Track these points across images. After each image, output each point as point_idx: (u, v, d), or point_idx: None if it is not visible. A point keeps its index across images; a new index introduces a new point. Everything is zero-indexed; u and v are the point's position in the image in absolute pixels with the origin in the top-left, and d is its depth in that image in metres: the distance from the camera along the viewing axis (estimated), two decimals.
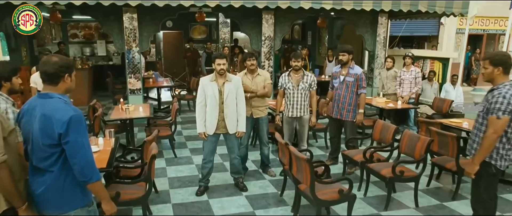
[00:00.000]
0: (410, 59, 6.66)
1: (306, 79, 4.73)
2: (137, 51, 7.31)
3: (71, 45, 12.90)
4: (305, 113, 4.81)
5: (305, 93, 4.75)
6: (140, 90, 7.53)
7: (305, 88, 4.73)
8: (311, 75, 4.80)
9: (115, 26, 7.20)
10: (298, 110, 4.78)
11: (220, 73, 4.08)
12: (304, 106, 4.78)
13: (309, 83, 4.74)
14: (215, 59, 4.08)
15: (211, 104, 4.13)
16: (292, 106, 4.79)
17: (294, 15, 8.01)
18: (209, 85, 4.13)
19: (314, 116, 4.92)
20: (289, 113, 4.83)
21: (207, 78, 4.20)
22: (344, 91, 4.88)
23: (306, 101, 4.79)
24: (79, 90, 9.30)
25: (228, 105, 4.14)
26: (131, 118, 5.52)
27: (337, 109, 4.98)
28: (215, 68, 4.11)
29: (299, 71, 4.74)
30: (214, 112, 4.14)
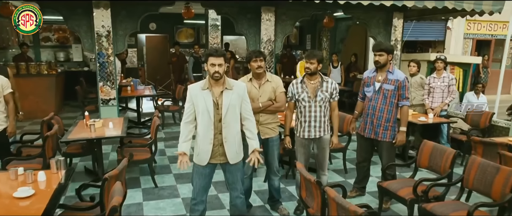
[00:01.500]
0: (442, 64, 5.54)
1: (325, 87, 3.53)
2: (110, 54, 6.00)
3: (43, 49, 11.52)
4: (325, 132, 3.61)
5: (325, 105, 3.56)
6: (114, 100, 6.20)
7: (325, 99, 3.54)
8: (331, 81, 3.60)
9: (83, 22, 5.89)
10: (316, 128, 3.58)
11: (216, 78, 2.84)
12: (324, 123, 3.58)
13: (329, 92, 3.54)
14: (208, 58, 2.84)
15: (204, 122, 2.90)
16: (308, 124, 3.58)
17: (298, 12, 6.86)
18: (201, 95, 2.89)
19: (335, 135, 3.71)
20: (305, 133, 3.62)
21: (197, 85, 2.96)
22: (381, 103, 3.69)
23: (326, 116, 3.59)
24: (44, 100, 7.96)
25: (228, 124, 2.91)
26: (97, 137, 4.20)
27: (371, 126, 3.78)
28: (208, 70, 2.86)
29: (315, 77, 3.55)
30: (208, 133, 2.90)
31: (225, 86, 2.90)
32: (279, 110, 3.56)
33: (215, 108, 2.88)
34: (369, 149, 3.98)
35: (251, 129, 3.01)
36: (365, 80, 3.83)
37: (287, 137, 3.77)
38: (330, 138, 3.68)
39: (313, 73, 3.52)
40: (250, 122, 3.01)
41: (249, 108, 3.01)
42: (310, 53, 3.51)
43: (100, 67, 6.05)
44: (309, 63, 3.48)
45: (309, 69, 3.49)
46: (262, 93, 3.49)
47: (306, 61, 3.51)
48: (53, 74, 8.05)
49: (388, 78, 3.65)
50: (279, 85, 3.55)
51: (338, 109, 3.67)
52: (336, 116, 3.66)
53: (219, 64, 2.81)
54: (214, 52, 2.82)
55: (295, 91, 3.62)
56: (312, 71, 3.49)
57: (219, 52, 2.82)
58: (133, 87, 7.46)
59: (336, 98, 3.60)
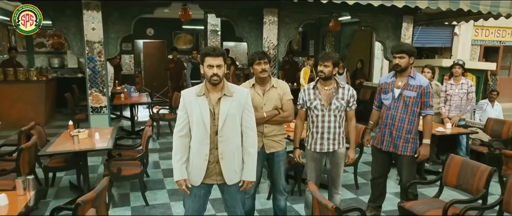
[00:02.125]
0: (460, 69, 5.11)
1: (341, 93, 3.09)
2: (101, 58, 5.57)
3: (37, 55, 11.15)
4: (340, 145, 3.16)
5: (340, 115, 3.11)
6: (105, 108, 5.76)
7: (341, 108, 3.09)
8: (348, 87, 3.15)
9: (72, 24, 5.46)
10: (330, 141, 3.13)
11: (214, 82, 2.41)
12: (338, 135, 3.13)
13: (346, 100, 3.09)
14: (205, 58, 2.40)
15: (199, 135, 2.46)
16: (321, 135, 3.13)
17: (303, 15, 6.45)
18: (195, 102, 2.46)
19: (352, 149, 3.25)
20: (317, 146, 3.17)
21: (192, 90, 2.52)
22: (401, 112, 3.24)
23: (341, 127, 3.14)
24: (33, 107, 7.52)
25: (226, 137, 2.47)
26: (81, 149, 3.75)
27: (389, 138, 3.33)
28: (204, 73, 2.43)
29: (329, 82, 3.11)
30: (203, 148, 2.46)
31: (223, 92, 2.46)
32: (287, 120, 3.11)
33: (212, 117, 2.44)
34: (386, 164, 3.52)
35: (250, 148, 2.55)
36: (382, 86, 3.39)
37: (297, 150, 3.32)
38: (345, 152, 3.23)
39: (327, 78, 3.07)
40: (250, 138, 2.55)
41: (251, 118, 2.56)
42: (324, 55, 3.07)
43: (90, 72, 5.61)
44: (322, 66, 3.04)
45: (323, 73, 3.05)
46: (267, 101, 3.05)
47: (320, 63, 3.07)
48: (42, 80, 7.61)
49: (409, 83, 3.21)
50: (286, 91, 3.10)
51: (355, 119, 3.22)
52: (354, 127, 3.21)
53: (217, 65, 2.37)
54: (211, 51, 2.38)
55: (307, 98, 3.17)
56: (326, 75, 3.05)
57: (217, 51, 2.38)
58: (126, 94, 7.02)
59: (353, 107, 3.14)
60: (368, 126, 3.58)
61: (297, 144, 3.32)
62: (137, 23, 9.86)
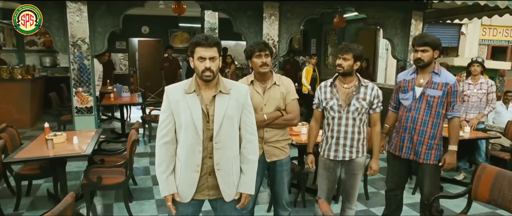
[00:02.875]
0: (479, 67, 4.66)
1: (363, 93, 2.65)
2: (87, 54, 5.12)
3: (27, 53, 10.67)
4: (359, 153, 2.72)
5: (361, 118, 2.67)
6: (91, 109, 5.30)
7: (361, 110, 2.65)
8: (372, 86, 2.70)
9: (55, 16, 5.01)
10: (346, 147, 2.69)
11: (206, 79, 1.96)
12: (357, 141, 2.69)
13: (368, 101, 2.65)
14: (195, 48, 1.94)
15: (188, 141, 2.01)
16: (336, 141, 2.70)
17: (305, 10, 6.00)
18: (184, 101, 2.01)
19: (375, 160, 2.79)
20: (331, 153, 2.73)
21: (178, 87, 2.06)
22: (424, 113, 2.79)
23: (362, 133, 2.70)
24: (18, 108, 7.05)
25: (222, 143, 2.02)
26: (55, 155, 3.29)
27: (409, 143, 2.87)
28: (195, 67, 1.98)
29: (349, 79, 2.68)
30: (193, 157, 2.02)
31: (219, 89, 2.01)
32: (291, 123, 2.66)
33: (205, 119, 1.99)
34: (404, 173, 3.07)
35: (250, 155, 2.11)
36: (401, 84, 2.94)
37: (310, 156, 2.87)
38: (365, 162, 2.78)
39: (346, 74, 2.63)
40: (250, 143, 2.11)
41: (251, 120, 2.12)
42: (344, 46, 2.63)
43: (75, 70, 5.16)
44: (341, 59, 2.61)
45: (342, 67, 2.61)
46: (268, 100, 2.60)
47: (338, 56, 2.63)
48: (28, 79, 7.14)
49: (433, 81, 2.76)
50: (291, 90, 2.65)
51: (380, 124, 2.78)
52: (377, 133, 2.76)
53: (211, 57, 1.92)
54: (203, 40, 1.92)
55: (323, 96, 2.73)
56: (345, 70, 2.61)
57: (210, 40, 1.92)
58: (116, 94, 6.56)
59: (378, 109, 2.70)
60: (383, 129, 3.13)
61: (311, 149, 2.88)
62: (132, 21, 9.45)
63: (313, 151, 2.86)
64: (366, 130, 2.74)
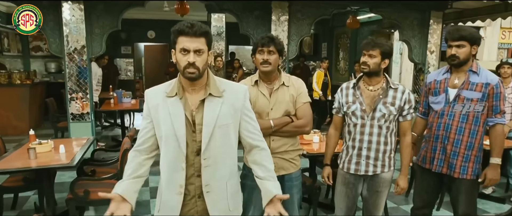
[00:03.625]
0: (510, 69, 4.21)
1: (392, 96, 2.26)
2: (84, 57, 4.81)
3: (33, 59, 10.48)
4: (385, 167, 2.32)
5: (389, 126, 2.28)
6: (88, 115, 4.97)
7: (389, 117, 2.25)
8: (403, 88, 2.30)
9: (49, 17, 4.72)
10: (370, 160, 2.29)
11: (190, 76, 1.57)
12: (384, 153, 2.30)
13: (398, 106, 2.26)
14: (178, 37, 1.55)
15: (169, 155, 1.64)
16: (358, 152, 2.31)
17: (317, 10, 5.64)
18: (164, 106, 1.63)
19: (403, 175, 2.38)
20: (351, 165, 2.34)
21: (158, 90, 1.69)
22: (459, 119, 2.37)
23: (389, 143, 2.31)
24: (16, 114, 6.77)
25: (213, 159, 1.64)
26: (37, 166, 2.94)
27: (442, 155, 2.45)
28: (177, 62, 1.60)
29: (376, 80, 2.29)
30: (176, 175, 1.64)
31: (208, 91, 1.63)
32: (302, 130, 2.26)
33: (190, 129, 1.61)
34: (435, 189, 2.63)
35: (265, 163, 1.72)
36: (431, 85, 2.52)
37: (327, 168, 2.48)
38: (391, 178, 2.37)
39: (372, 73, 2.25)
40: (261, 152, 1.73)
41: (255, 126, 1.74)
42: (370, 41, 2.25)
43: (71, 74, 4.85)
44: (366, 56, 2.23)
45: (367, 66, 2.23)
46: (275, 104, 2.21)
47: (363, 53, 2.25)
48: (27, 84, 6.87)
49: (470, 81, 2.34)
50: (302, 92, 2.25)
51: (411, 134, 2.38)
52: (408, 145, 2.36)
53: (196, 50, 1.54)
54: (187, 28, 1.53)
55: (344, 100, 2.35)
56: (371, 69, 2.22)
57: (196, 28, 1.54)
58: (116, 100, 6.23)
59: (409, 116, 2.31)
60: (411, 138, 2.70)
61: (328, 160, 2.48)
62: (137, 26, 9.19)
63: (331, 162, 2.46)
64: (394, 140, 2.33)
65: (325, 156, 2.51)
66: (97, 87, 6.27)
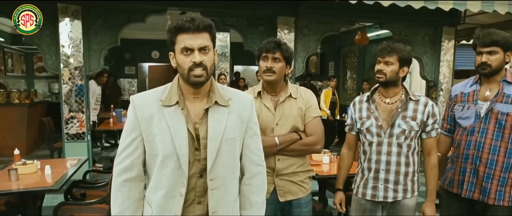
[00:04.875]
0: None
1: (412, 110, 1.98)
2: (81, 74, 4.60)
3: (37, 80, 10.39)
4: (407, 192, 2.01)
5: (410, 144, 1.99)
6: (83, 135, 4.72)
7: (410, 133, 1.97)
8: (425, 100, 2.02)
9: (46, 33, 4.55)
10: (390, 184, 2.00)
11: (196, 80, 1.32)
12: (406, 176, 2.00)
13: (420, 120, 1.97)
14: (177, 36, 1.30)
15: (166, 177, 1.35)
16: (375, 175, 2.02)
17: (324, 26, 5.44)
18: (160, 116, 1.35)
19: (430, 202, 2.06)
20: (367, 190, 2.04)
21: (150, 96, 1.40)
22: (493, 137, 2.06)
23: (411, 165, 2.01)
24: (13, 134, 6.56)
25: (221, 180, 1.39)
26: (17, 190, 2.66)
27: (473, 178, 2.13)
28: (177, 66, 1.35)
29: (394, 91, 2.02)
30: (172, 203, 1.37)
31: (213, 99, 1.37)
32: (313, 149, 1.97)
33: (192, 146, 1.34)
34: None
35: (254, 196, 1.48)
36: (458, 98, 2.23)
37: (339, 194, 2.18)
38: (415, 205, 2.06)
39: (389, 83, 1.97)
40: (256, 179, 1.47)
41: (257, 145, 1.48)
42: (386, 46, 1.99)
43: (69, 92, 4.63)
44: (382, 64, 1.97)
45: (383, 75, 1.96)
46: (281, 118, 1.93)
47: (378, 60, 1.99)
48: (25, 103, 6.69)
49: (504, 93, 2.05)
50: (312, 105, 1.98)
51: (437, 153, 2.08)
52: (434, 166, 2.05)
53: (201, 47, 1.29)
54: (187, 22, 1.28)
55: (357, 115, 2.08)
56: (388, 78, 1.95)
57: (198, 22, 1.29)
58: (115, 119, 6.00)
59: (433, 133, 2.02)
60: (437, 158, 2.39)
61: (341, 184, 2.18)
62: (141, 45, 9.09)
63: (343, 187, 2.15)
64: (417, 161, 2.03)
65: (337, 180, 2.21)
66: (95, 106, 6.06)
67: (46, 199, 3.64)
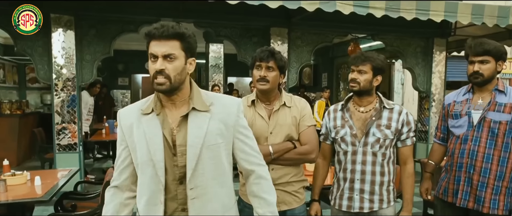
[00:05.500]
0: None
1: (387, 118, 1.97)
2: (73, 84, 4.57)
3: (29, 91, 10.28)
4: (383, 202, 1.99)
5: (385, 153, 1.97)
6: (74, 146, 4.66)
7: (385, 142, 1.96)
8: (399, 108, 2.02)
9: (38, 43, 4.52)
10: (365, 194, 1.98)
11: (158, 87, 1.32)
12: (381, 185, 1.98)
13: (394, 129, 1.96)
14: (149, 42, 1.31)
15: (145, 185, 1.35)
16: (351, 185, 2.00)
17: (317, 36, 5.49)
18: (139, 125, 1.36)
19: (407, 211, 2.04)
20: (343, 202, 2.02)
21: (134, 107, 1.43)
22: (486, 145, 2.07)
23: (386, 174, 1.99)
24: (4, 145, 6.47)
25: (202, 189, 1.35)
26: (5, 201, 2.61)
27: (467, 186, 2.13)
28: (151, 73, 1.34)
29: (368, 99, 2.01)
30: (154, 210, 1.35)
31: (191, 105, 1.35)
32: (307, 158, 1.96)
33: (169, 151, 1.33)
34: None
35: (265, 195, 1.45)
36: (451, 107, 2.24)
37: (315, 205, 2.14)
38: (394, 214, 2.04)
39: (363, 92, 1.97)
40: (260, 180, 1.45)
41: (252, 147, 1.47)
42: (360, 55, 1.99)
43: (59, 102, 4.59)
44: (356, 72, 1.96)
45: (356, 84, 1.95)
46: (275, 127, 1.92)
47: (352, 69, 1.98)
48: (17, 114, 6.61)
49: (497, 102, 2.07)
50: (306, 114, 1.97)
51: (413, 161, 2.06)
52: (410, 175, 2.04)
53: (165, 55, 1.28)
54: (155, 29, 1.29)
55: (332, 124, 2.06)
56: (362, 87, 1.95)
57: (165, 29, 1.28)
58: (108, 130, 5.94)
59: (409, 141, 2.01)
60: (427, 167, 2.40)
61: (316, 195, 2.16)
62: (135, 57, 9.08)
63: (319, 198, 2.14)
64: (393, 170, 2.02)
65: (312, 190, 2.17)
66: (88, 117, 6.01)
67: (36, 211, 3.57)
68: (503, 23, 4.75)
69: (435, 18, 4.45)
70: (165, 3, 4.63)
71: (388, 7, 4.21)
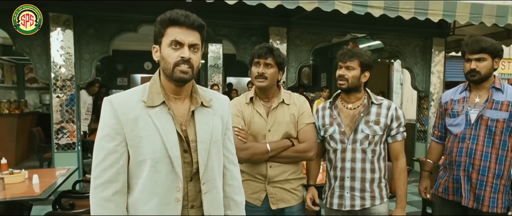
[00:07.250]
0: None
1: (375, 114, 1.96)
2: (72, 83, 4.56)
3: (28, 91, 10.25)
4: (376, 199, 1.99)
5: (375, 149, 1.97)
6: (73, 145, 4.65)
7: (374, 138, 1.95)
8: (388, 103, 2.01)
9: (37, 42, 4.51)
10: (356, 192, 1.97)
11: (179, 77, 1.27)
12: (372, 182, 1.98)
13: (384, 124, 1.96)
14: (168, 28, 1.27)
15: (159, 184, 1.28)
16: (341, 183, 1.99)
17: (316, 36, 5.49)
18: (146, 118, 1.27)
19: (400, 208, 2.02)
20: (334, 200, 2.02)
21: (130, 96, 1.31)
22: (483, 143, 2.07)
23: (377, 170, 1.99)
24: (2, 145, 6.40)
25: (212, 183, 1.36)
26: (3, 199, 2.61)
27: (466, 184, 2.13)
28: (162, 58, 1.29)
29: (356, 96, 2.01)
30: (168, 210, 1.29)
31: (199, 100, 1.34)
32: (305, 156, 1.95)
33: (182, 147, 1.30)
34: None
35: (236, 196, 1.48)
36: (448, 105, 2.25)
37: (312, 188, 2.09)
38: (388, 211, 2.04)
39: (351, 89, 1.96)
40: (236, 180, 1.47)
41: (233, 146, 1.48)
42: (347, 51, 1.97)
43: (57, 101, 4.58)
44: (343, 69, 1.95)
45: (344, 80, 1.94)
46: (273, 125, 1.92)
47: (339, 65, 1.97)
48: (15, 114, 6.60)
49: (494, 99, 2.07)
50: (305, 111, 1.97)
51: (405, 157, 2.06)
52: (402, 170, 2.02)
53: (192, 44, 1.26)
54: (182, 16, 1.26)
55: (320, 122, 2.05)
56: (350, 84, 1.94)
57: (193, 19, 1.27)
58: None
59: (399, 136, 2.00)
60: (425, 166, 2.40)
61: (312, 181, 2.14)
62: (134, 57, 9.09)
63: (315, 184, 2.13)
64: (384, 166, 2.02)
65: (307, 180, 2.13)
66: (86, 116, 6.00)
67: (34, 209, 3.57)
68: (501, 22, 4.75)
69: (433, 17, 4.45)
70: (163, 2, 4.57)
71: (387, 7, 4.21)
